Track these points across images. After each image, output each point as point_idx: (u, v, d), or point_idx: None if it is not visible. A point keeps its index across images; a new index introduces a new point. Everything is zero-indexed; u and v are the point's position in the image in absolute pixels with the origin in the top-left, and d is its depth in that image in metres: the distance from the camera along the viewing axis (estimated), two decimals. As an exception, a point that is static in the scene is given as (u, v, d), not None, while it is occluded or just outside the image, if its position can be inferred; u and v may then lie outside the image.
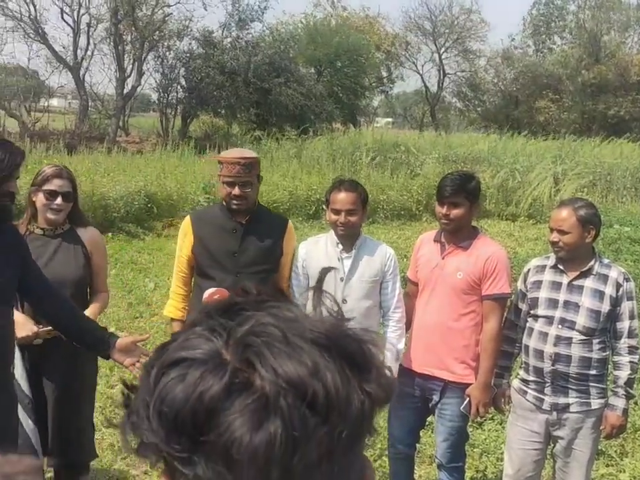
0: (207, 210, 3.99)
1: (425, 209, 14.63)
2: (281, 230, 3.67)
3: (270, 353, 0.64)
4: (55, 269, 3.32)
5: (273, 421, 0.61)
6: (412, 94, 51.92)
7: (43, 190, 3.35)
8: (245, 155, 3.55)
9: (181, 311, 3.68)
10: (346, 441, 0.65)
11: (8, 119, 23.08)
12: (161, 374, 0.66)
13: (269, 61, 24.42)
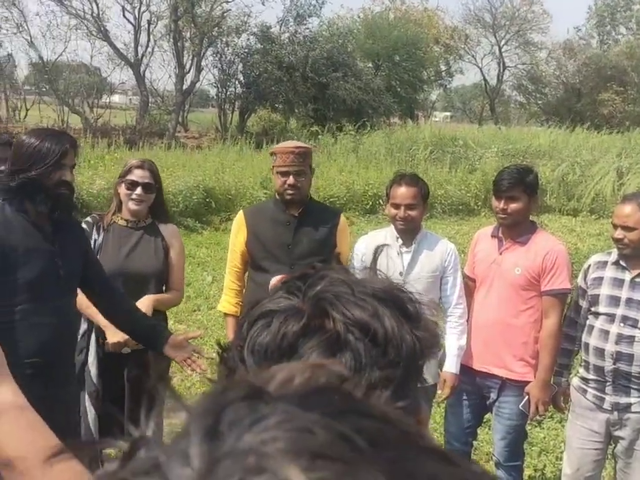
0: (261, 204, 4.04)
1: (483, 204, 14.44)
2: (333, 222, 3.66)
3: (339, 302, 0.78)
4: (135, 260, 3.41)
5: (344, 351, 0.75)
6: (471, 87, 51.31)
7: (125, 180, 3.42)
8: (298, 144, 3.59)
9: (235, 306, 3.69)
10: (402, 373, 0.77)
11: (71, 115, 23.66)
12: (251, 325, 0.81)
13: (326, 55, 24.42)
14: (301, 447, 0.35)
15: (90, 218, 3.49)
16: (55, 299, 2.77)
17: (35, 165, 2.65)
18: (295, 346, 0.76)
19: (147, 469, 0.37)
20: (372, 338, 0.77)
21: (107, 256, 3.36)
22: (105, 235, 3.43)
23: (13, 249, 2.65)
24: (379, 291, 0.81)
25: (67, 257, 2.83)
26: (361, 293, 0.79)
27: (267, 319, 0.80)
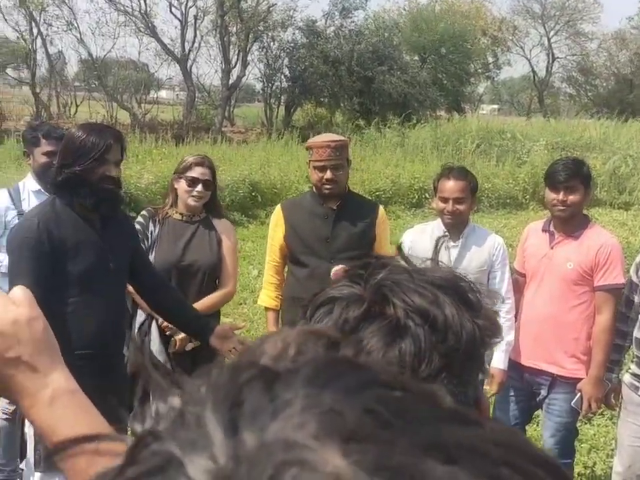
0: (298, 198, 4.03)
1: (531, 198, 14.23)
2: (372, 215, 3.64)
3: (399, 288, 0.80)
4: (190, 254, 3.45)
5: (404, 337, 0.78)
6: (519, 79, 50.55)
7: (185, 177, 3.44)
8: (333, 138, 3.56)
9: (275, 300, 3.70)
10: (462, 359, 0.80)
11: (120, 111, 24.00)
12: (313, 311, 0.84)
13: (372, 49, 24.28)
14: (332, 431, 0.32)
15: (146, 211, 3.55)
16: (105, 292, 2.81)
17: (79, 159, 2.68)
18: (356, 331, 0.79)
19: (160, 465, 0.33)
20: (432, 324, 0.79)
21: (162, 249, 3.41)
22: (161, 228, 3.46)
23: (63, 243, 2.70)
24: (439, 279, 0.83)
25: (116, 250, 2.87)
26: (421, 281, 0.81)
27: (329, 306, 0.82)
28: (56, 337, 0.95)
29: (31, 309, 0.92)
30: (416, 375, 0.77)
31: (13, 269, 2.67)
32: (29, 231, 2.67)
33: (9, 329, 0.88)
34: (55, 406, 0.88)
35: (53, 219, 2.71)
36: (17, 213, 3.76)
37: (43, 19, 23.97)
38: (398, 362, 0.77)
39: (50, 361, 0.90)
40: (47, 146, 3.79)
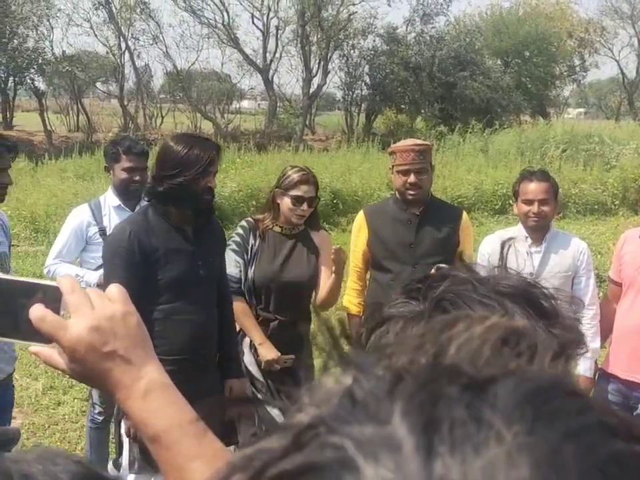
0: (381, 203, 3.99)
1: (621, 203, 13.75)
2: (455, 220, 3.58)
3: (462, 301, 0.74)
4: (289, 270, 3.42)
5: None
6: (606, 82, 49.10)
7: (290, 195, 3.36)
8: (417, 142, 3.52)
9: (357, 306, 3.67)
10: None
11: (203, 121, 24.54)
12: (370, 332, 0.79)
13: (453, 54, 24.08)
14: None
15: (246, 222, 3.50)
16: (196, 298, 2.86)
17: (184, 171, 2.71)
18: None
19: (331, 461, 0.30)
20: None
21: (262, 265, 3.39)
22: (261, 242, 3.43)
23: (154, 251, 2.76)
24: (507, 286, 0.76)
25: (206, 257, 2.93)
26: (486, 290, 0.75)
27: (386, 326, 0.78)
28: None
29: (125, 304, 0.95)
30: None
31: (106, 277, 2.77)
32: (120, 240, 2.75)
33: (105, 324, 0.91)
34: (148, 398, 0.90)
35: (144, 228, 2.78)
36: (98, 229, 3.79)
37: (130, 34, 24.83)
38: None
39: (144, 354, 0.93)
40: (127, 162, 3.77)
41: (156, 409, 0.91)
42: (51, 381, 5.32)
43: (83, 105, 25.19)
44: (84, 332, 0.90)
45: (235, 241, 3.42)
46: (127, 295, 0.98)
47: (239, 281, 3.38)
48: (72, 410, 4.92)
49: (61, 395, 5.14)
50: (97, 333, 0.91)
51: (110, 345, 0.91)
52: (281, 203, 3.42)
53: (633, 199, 13.90)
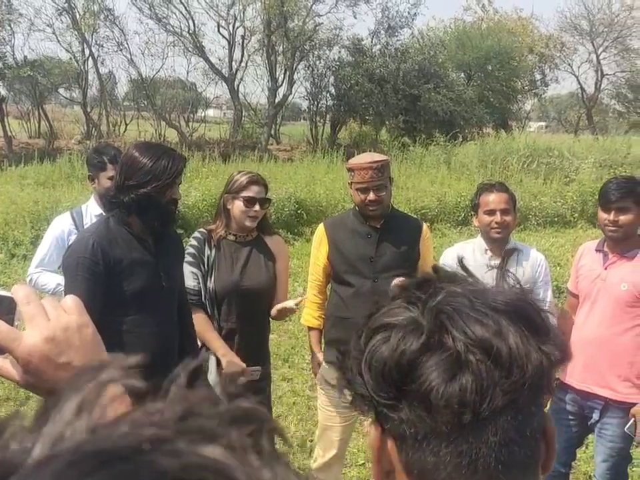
0: (341, 216, 3.99)
1: (580, 216, 14.04)
2: (416, 233, 3.60)
3: (459, 317, 0.76)
4: (248, 277, 3.42)
5: (464, 373, 0.74)
6: (566, 96, 49.89)
7: (242, 197, 3.35)
8: (375, 158, 3.48)
9: (317, 320, 3.68)
10: (527, 393, 0.75)
11: (168, 129, 24.38)
12: (369, 338, 0.81)
13: (418, 67, 24.30)
14: None
15: (199, 234, 3.47)
16: (160, 310, 2.84)
17: (151, 182, 2.70)
18: (414, 364, 0.75)
19: None
20: (494, 359, 0.74)
21: (221, 275, 3.37)
22: (217, 252, 3.41)
23: (118, 262, 2.73)
24: (502, 303, 0.78)
25: (168, 269, 2.91)
26: (482, 306, 0.77)
27: (385, 333, 0.79)
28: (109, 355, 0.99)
29: (81, 316, 0.95)
30: (479, 413, 0.74)
31: (68, 288, 2.72)
32: (84, 251, 2.71)
33: (60, 335, 0.91)
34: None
35: (107, 239, 2.75)
36: None
37: (94, 40, 24.55)
38: (458, 399, 0.73)
39: None
40: (113, 171, 3.69)
41: None
42: (7, 393, 5.23)
43: (45, 111, 24.83)
44: (38, 342, 0.90)
45: (190, 253, 3.38)
46: (82, 306, 0.97)
47: (198, 293, 3.36)
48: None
49: (18, 406, 5.06)
50: (52, 344, 0.91)
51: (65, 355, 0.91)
52: (231, 207, 3.40)
53: (591, 212, 14.19)
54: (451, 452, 0.76)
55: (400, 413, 0.76)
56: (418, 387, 0.74)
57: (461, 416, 0.74)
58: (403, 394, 0.76)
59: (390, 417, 0.78)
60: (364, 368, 0.79)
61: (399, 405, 0.76)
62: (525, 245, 3.77)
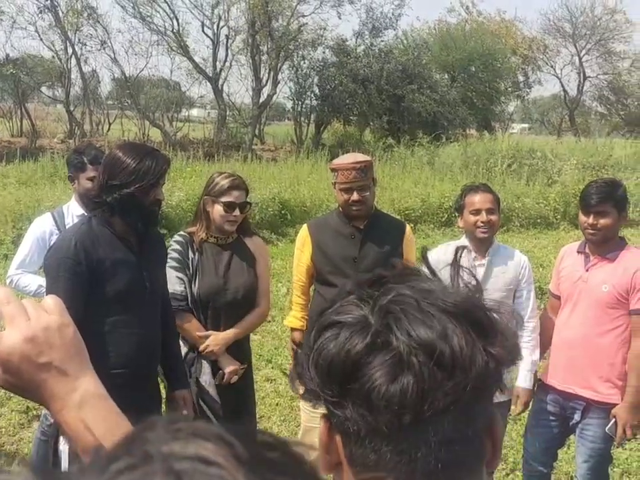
0: (324, 217, 3.98)
1: (562, 217, 14.14)
2: (399, 234, 3.61)
3: (406, 318, 0.76)
4: (231, 281, 3.40)
5: (406, 375, 0.74)
6: (549, 98, 50.24)
7: (222, 202, 3.32)
8: (358, 159, 3.49)
9: (301, 321, 3.68)
10: (470, 394, 0.75)
11: (152, 128, 24.28)
12: (319, 334, 0.82)
13: (402, 68, 24.39)
14: None
15: (181, 237, 3.44)
16: (141, 311, 2.83)
17: (134, 182, 2.69)
18: (358, 364, 0.76)
19: None
20: (437, 361, 0.75)
21: (205, 279, 3.35)
22: (199, 255, 3.39)
23: (100, 263, 2.71)
24: (451, 305, 0.78)
25: (151, 270, 2.90)
26: (429, 306, 0.78)
27: (334, 331, 0.80)
28: (92, 356, 0.99)
29: (62, 316, 0.95)
30: (419, 414, 0.75)
31: (50, 289, 2.69)
32: (66, 251, 2.68)
33: (41, 335, 0.91)
34: (83, 409, 0.92)
35: (90, 239, 2.73)
36: None
37: (77, 39, 24.41)
38: (399, 400, 0.74)
39: (79, 366, 0.94)
40: (93, 171, 3.70)
41: (91, 420, 0.92)
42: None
43: (27, 109, 24.68)
44: (19, 343, 0.90)
45: (173, 258, 3.35)
46: (63, 306, 0.98)
47: (185, 298, 3.33)
48: (9, 423, 4.81)
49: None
50: (32, 344, 0.91)
51: (45, 355, 0.91)
52: (211, 210, 3.37)
53: (574, 213, 14.29)
54: (391, 450, 0.77)
55: (344, 411, 0.78)
56: (361, 386, 0.76)
57: (401, 417, 0.75)
58: (346, 392, 0.77)
59: (335, 413, 0.80)
60: (312, 364, 0.81)
61: (343, 403, 0.78)
62: (508, 247, 3.79)
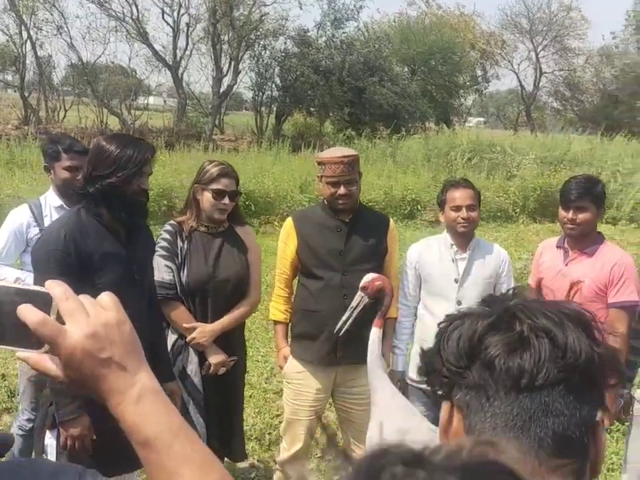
0: (309, 210, 3.98)
1: (521, 211, 14.37)
2: (383, 228, 3.64)
3: (529, 310, 0.90)
4: (221, 268, 3.39)
5: (526, 347, 0.87)
6: (505, 93, 50.91)
7: (211, 190, 3.33)
8: (345, 153, 3.50)
9: (284, 313, 3.68)
10: (579, 378, 0.87)
11: (110, 116, 23.92)
12: (447, 326, 0.95)
13: (363, 60, 24.48)
14: None
15: (170, 226, 3.43)
16: (130, 303, 2.79)
17: (116, 171, 2.66)
18: (483, 337, 0.89)
19: None
20: (553, 340, 0.87)
21: (194, 267, 3.35)
22: (189, 244, 3.39)
23: (89, 254, 2.68)
24: (566, 308, 0.92)
25: (139, 261, 2.87)
26: (550, 308, 0.91)
27: (460, 320, 0.94)
28: None
29: (119, 312, 0.97)
30: (534, 381, 0.86)
31: (39, 283, 2.63)
32: (55, 243, 2.64)
33: (102, 331, 0.93)
34: (141, 404, 0.92)
35: (79, 231, 2.68)
36: (39, 230, 3.62)
37: (32, 23, 23.92)
38: (517, 366, 0.86)
39: (137, 362, 0.96)
40: (68, 160, 3.65)
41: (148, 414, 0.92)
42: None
43: (-20, 94, 24.13)
44: (81, 338, 0.91)
45: (162, 247, 3.34)
46: (119, 303, 0.99)
47: (174, 286, 3.32)
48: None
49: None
50: (94, 340, 0.92)
51: (106, 351, 0.92)
52: (201, 198, 3.38)
53: (532, 207, 14.54)
54: (507, 413, 0.87)
55: (472, 374, 0.90)
56: (485, 355, 0.88)
57: (519, 380, 0.86)
58: (472, 361, 0.90)
59: (460, 385, 0.92)
60: (442, 346, 0.94)
61: (468, 372, 0.90)
62: (488, 242, 3.86)
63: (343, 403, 3.64)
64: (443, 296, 3.56)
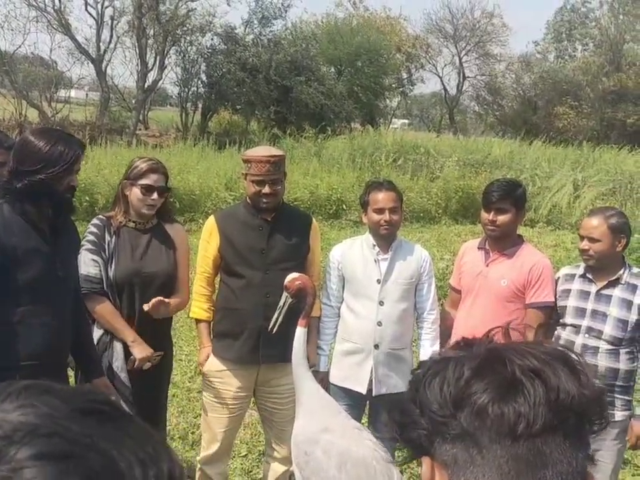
0: (231, 209, 3.99)
1: (444, 212, 14.63)
2: (306, 227, 3.68)
3: (516, 351, 0.87)
4: (148, 264, 3.37)
5: (518, 390, 0.82)
6: (429, 96, 51.82)
7: (140, 185, 3.30)
8: (272, 152, 3.53)
9: (207, 312, 3.66)
10: (574, 420, 0.83)
11: (29, 109, 23.16)
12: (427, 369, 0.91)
13: (290, 59, 24.48)
14: None
15: (98, 220, 3.39)
16: (53, 301, 2.74)
17: (45, 168, 2.61)
18: (471, 381, 0.84)
19: None
20: (544, 382, 0.83)
21: (121, 261, 3.31)
22: (117, 238, 3.35)
23: (13, 250, 2.62)
24: (550, 349, 0.90)
25: (64, 258, 2.81)
26: (534, 348, 0.88)
27: (443, 363, 0.89)
28: (3, 346, 0.97)
29: None
30: (530, 430, 0.81)
31: None
32: None
33: None
34: None
35: (2, 225, 2.62)
36: None
37: (-53, 9, 22.94)
38: (513, 415, 0.81)
39: None
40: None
41: None
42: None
43: None
44: None
45: (90, 240, 3.31)
46: None
47: (101, 281, 3.28)
48: None
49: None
50: None
51: None
52: (130, 194, 3.36)
53: (455, 208, 14.84)
54: (503, 463, 0.82)
55: (455, 430, 0.84)
56: (474, 401, 0.83)
57: (516, 426, 0.82)
58: (459, 409, 0.84)
59: (444, 436, 0.86)
60: (422, 394, 0.88)
61: (454, 421, 0.85)
62: (410, 242, 3.92)
63: (265, 402, 3.65)
64: (366, 296, 3.61)
